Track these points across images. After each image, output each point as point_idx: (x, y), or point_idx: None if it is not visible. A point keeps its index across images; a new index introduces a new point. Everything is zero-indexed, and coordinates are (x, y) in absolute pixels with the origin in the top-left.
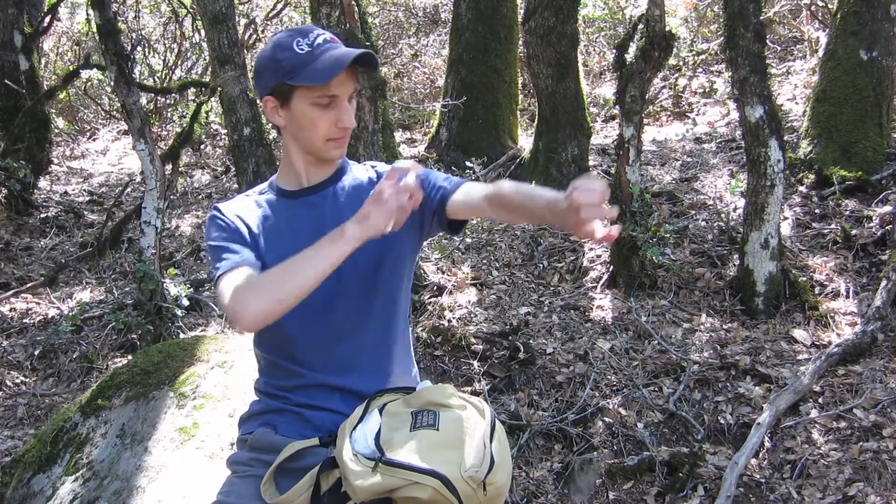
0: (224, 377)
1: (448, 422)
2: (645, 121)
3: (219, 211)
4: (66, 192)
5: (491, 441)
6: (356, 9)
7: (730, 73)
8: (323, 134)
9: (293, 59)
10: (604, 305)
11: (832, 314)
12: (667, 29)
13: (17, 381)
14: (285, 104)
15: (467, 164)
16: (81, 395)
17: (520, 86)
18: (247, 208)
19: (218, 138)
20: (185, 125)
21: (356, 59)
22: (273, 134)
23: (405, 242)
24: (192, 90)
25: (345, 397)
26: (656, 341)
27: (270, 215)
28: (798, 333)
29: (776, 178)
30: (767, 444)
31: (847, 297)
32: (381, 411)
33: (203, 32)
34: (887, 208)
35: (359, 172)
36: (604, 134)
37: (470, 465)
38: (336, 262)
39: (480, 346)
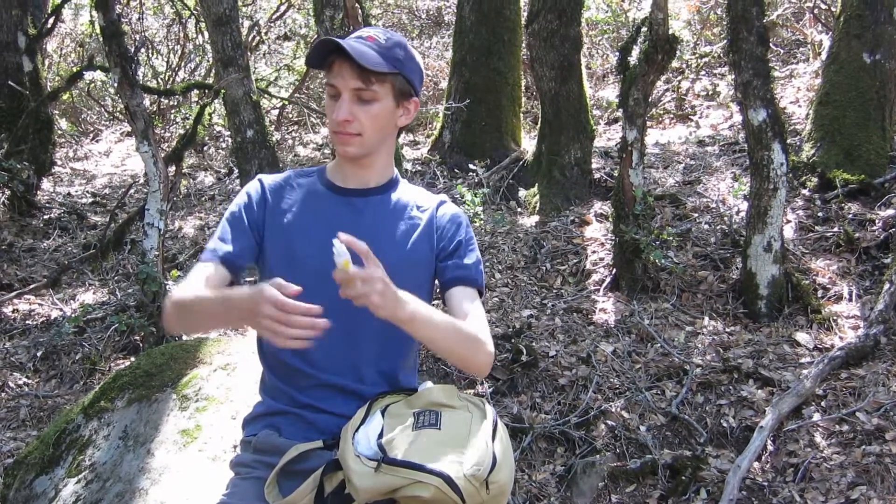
0: (227, 379)
1: (450, 421)
2: (648, 123)
3: (258, 184)
4: (69, 194)
5: (493, 440)
6: (359, 11)
7: (733, 77)
8: (330, 125)
9: None
10: (606, 308)
11: (835, 317)
12: (670, 32)
13: (20, 382)
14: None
15: (470, 166)
16: (84, 396)
17: (523, 88)
18: (290, 188)
19: (221, 140)
20: (188, 127)
21: (344, 53)
22: (276, 136)
23: (427, 268)
24: (195, 92)
25: (350, 398)
26: (659, 344)
27: (310, 201)
28: (801, 337)
29: (779, 182)
30: (770, 448)
31: (850, 300)
32: (383, 413)
33: (207, 34)
34: (890, 211)
35: (410, 193)
36: (607, 137)
37: (472, 464)
38: (226, 327)
39: None
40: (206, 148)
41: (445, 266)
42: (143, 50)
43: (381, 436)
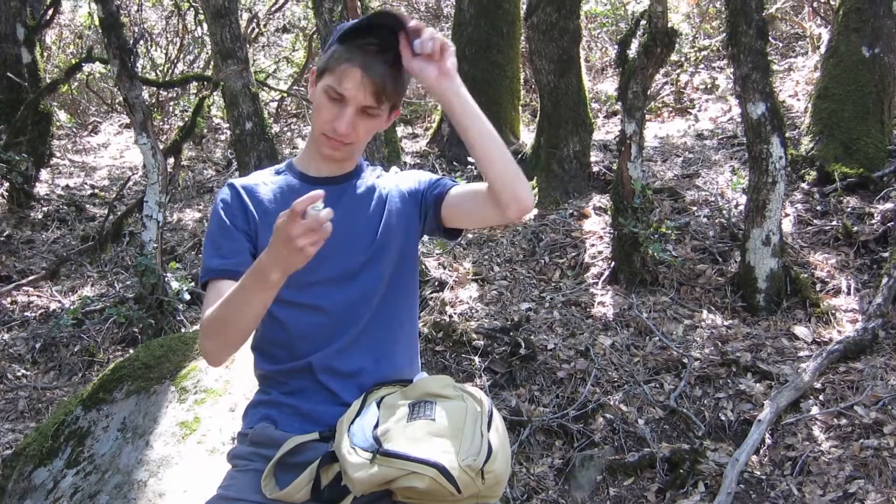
0: (225, 372)
1: (445, 412)
2: (647, 117)
3: (230, 190)
4: (67, 186)
5: (488, 429)
6: (358, 4)
7: (732, 70)
8: (321, 125)
9: (336, 36)
10: (605, 301)
11: (833, 311)
12: (669, 25)
13: (19, 374)
14: (318, 79)
15: (469, 159)
16: (83, 388)
17: (521, 81)
18: (263, 186)
19: (220, 132)
20: (187, 119)
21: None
22: (275, 128)
23: (407, 233)
24: (194, 84)
25: (346, 385)
26: (657, 338)
27: (288, 195)
28: (799, 330)
29: (778, 175)
30: (768, 441)
31: (848, 294)
32: (378, 404)
33: (205, 26)
34: (888, 205)
35: (371, 173)
36: (605, 130)
37: (467, 454)
38: (266, 303)
39: (481, 342)
40: (204, 140)
41: (430, 197)
42: (141, 42)
43: (376, 427)
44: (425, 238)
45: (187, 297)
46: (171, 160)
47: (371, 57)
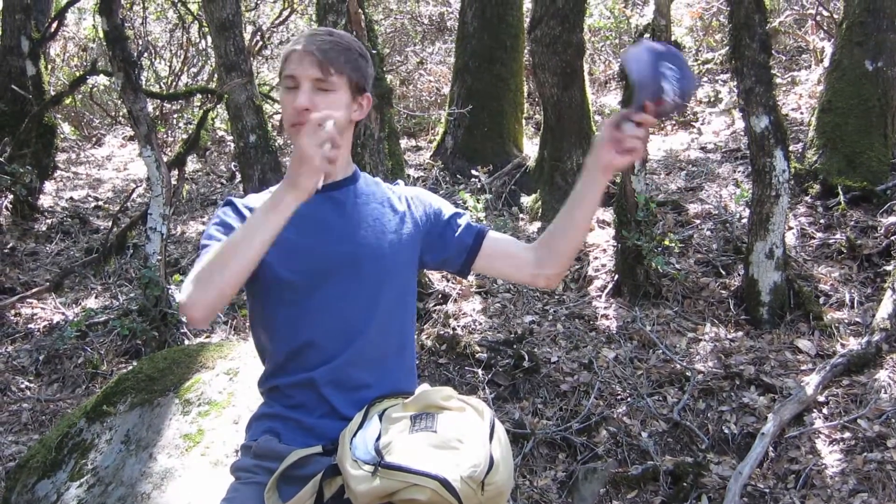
0: (229, 384)
1: (446, 423)
2: (650, 130)
3: (230, 205)
4: (71, 198)
5: (490, 441)
6: (363, 17)
7: (735, 83)
8: (288, 118)
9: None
10: (608, 314)
11: (837, 324)
12: (672, 38)
13: (22, 386)
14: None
15: (472, 172)
16: (86, 400)
17: (525, 94)
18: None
19: (224, 145)
20: (191, 132)
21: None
22: (279, 141)
23: (412, 248)
24: (198, 97)
25: (349, 398)
26: (661, 350)
27: None
28: (802, 343)
29: (781, 188)
30: (771, 454)
31: (852, 307)
32: (380, 417)
33: (210, 39)
34: (892, 219)
35: (370, 181)
36: None
37: (469, 466)
38: (274, 233)
39: (485, 355)
40: (208, 153)
41: (452, 237)
42: (146, 54)
43: (378, 440)
44: None
45: None
46: (176, 172)
47: (311, 34)
